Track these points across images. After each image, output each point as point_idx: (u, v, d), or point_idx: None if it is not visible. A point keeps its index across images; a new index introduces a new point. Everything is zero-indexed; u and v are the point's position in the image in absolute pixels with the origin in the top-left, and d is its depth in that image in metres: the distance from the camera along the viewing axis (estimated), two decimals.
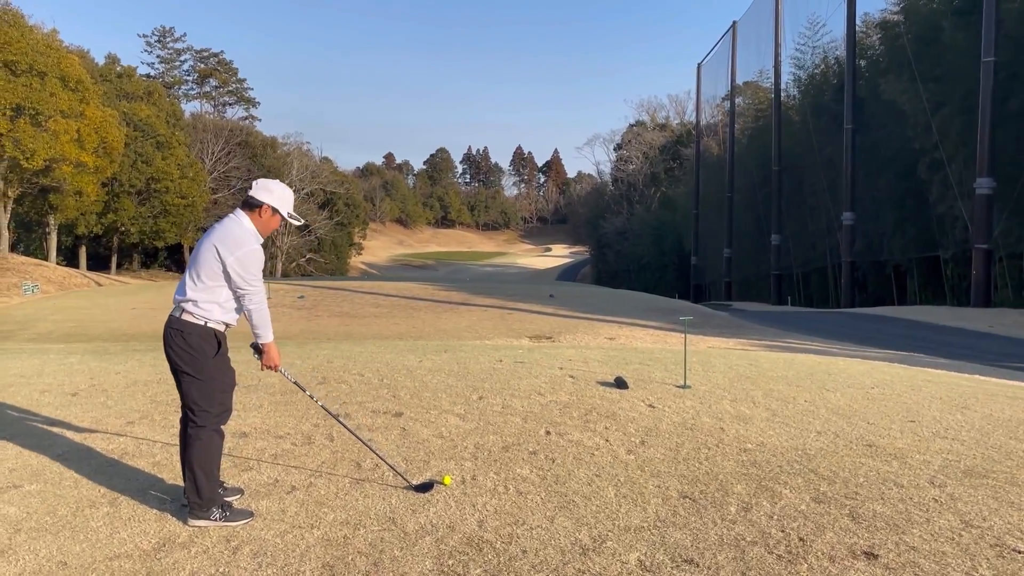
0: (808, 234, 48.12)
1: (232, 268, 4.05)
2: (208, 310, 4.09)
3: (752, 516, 4.29)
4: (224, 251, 4.05)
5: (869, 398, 7.83)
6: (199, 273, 4.07)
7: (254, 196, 4.19)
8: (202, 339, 4.09)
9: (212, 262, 4.06)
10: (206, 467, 4.08)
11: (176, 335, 4.08)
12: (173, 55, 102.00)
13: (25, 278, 37.47)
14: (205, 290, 4.07)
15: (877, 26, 43.58)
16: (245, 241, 4.12)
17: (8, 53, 38.24)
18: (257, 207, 4.21)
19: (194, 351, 4.08)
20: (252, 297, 4.15)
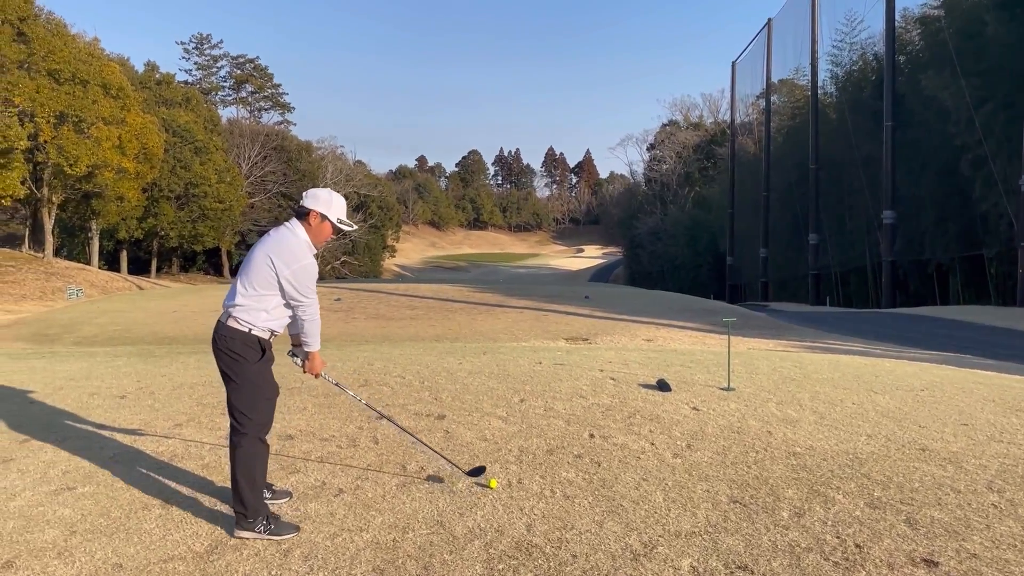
0: (847, 233, 47.37)
1: (287, 281, 4.07)
2: (254, 317, 4.09)
3: (805, 522, 4.21)
4: (279, 263, 4.06)
5: (919, 400, 7.67)
6: (251, 281, 4.08)
7: (302, 204, 4.23)
8: (246, 345, 4.10)
9: (266, 272, 4.07)
10: (249, 476, 4.05)
11: (221, 340, 4.11)
12: (210, 62, 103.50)
13: (69, 282, 38.27)
14: (255, 298, 4.08)
15: (917, 21, 42.78)
16: (299, 255, 4.12)
17: (52, 62, 39.09)
18: (305, 215, 4.22)
19: (238, 356, 4.09)
20: (307, 310, 4.19)
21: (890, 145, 40.44)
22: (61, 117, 39.11)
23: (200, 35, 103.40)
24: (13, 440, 5.87)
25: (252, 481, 4.05)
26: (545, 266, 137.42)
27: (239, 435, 4.10)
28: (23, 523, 4.18)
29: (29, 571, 3.61)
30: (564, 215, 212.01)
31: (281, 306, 4.16)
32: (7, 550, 3.83)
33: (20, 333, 20.88)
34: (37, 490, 4.72)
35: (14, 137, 34.04)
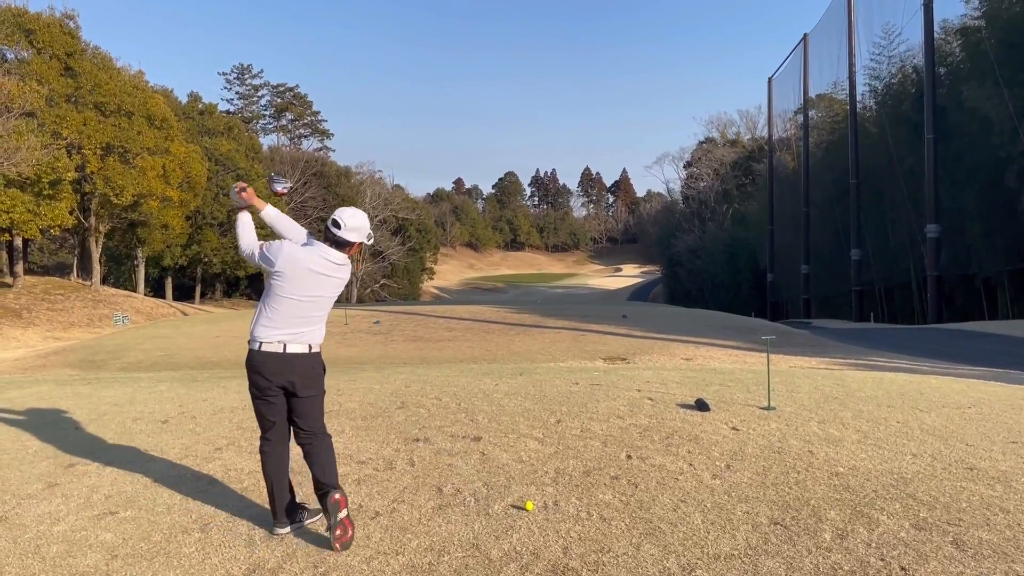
0: (890, 248, 46.53)
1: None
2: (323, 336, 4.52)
3: (849, 544, 4.12)
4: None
5: (966, 418, 7.46)
6: (325, 309, 4.45)
7: (343, 237, 4.40)
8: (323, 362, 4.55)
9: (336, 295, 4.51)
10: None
11: (315, 367, 4.40)
12: (251, 91, 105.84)
13: (115, 309, 39.14)
14: (324, 321, 4.51)
15: (957, 32, 42.12)
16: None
17: (98, 95, 40.26)
18: (347, 247, 4.44)
19: (322, 375, 4.50)
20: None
21: (932, 158, 39.75)
22: (107, 148, 40.20)
23: (241, 65, 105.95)
24: (59, 465, 5.99)
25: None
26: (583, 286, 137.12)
27: (324, 434, 4.46)
28: (66, 547, 4.26)
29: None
30: (601, 234, 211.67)
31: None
32: (50, 574, 3.90)
33: (68, 359, 21.37)
34: (80, 515, 4.80)
35: (62, 169, 35.05)
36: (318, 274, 4.30)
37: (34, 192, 34.37)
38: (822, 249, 56.53)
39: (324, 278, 4.32)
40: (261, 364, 4.27)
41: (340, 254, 4.37)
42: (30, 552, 4.20)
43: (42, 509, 4.92)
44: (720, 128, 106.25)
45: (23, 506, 5.00)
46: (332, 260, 4.34)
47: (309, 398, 4.36)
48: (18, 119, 32.23)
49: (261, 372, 4.28)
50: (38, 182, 33.94)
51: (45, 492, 5.29)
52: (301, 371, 4.30)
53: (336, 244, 4.35)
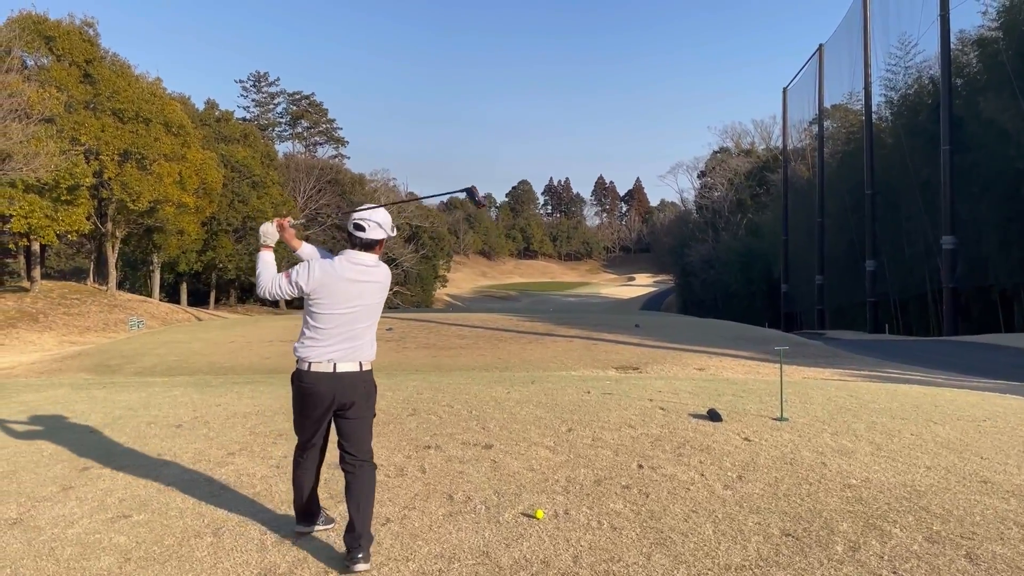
0: (905, 259, 46.22)
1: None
2: (374, 352, 4.33)
3: (861, 556, 4.09)
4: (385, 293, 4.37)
5: (981, 431, 7.41)
6: (373, 320, 4.28)
7: (370, 237, 4.24)
8: (374, 380, 4.36)
9: (382, 303, 4.35)
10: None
11: (366, 385, 4.23)
12: (267, 98, 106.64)
13: (131, 314, 39.41)
14: (373, 333, 4.31)
15: (974, 43, 41.90)
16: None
17: (116, 102, 40.66)
18: (376, 245, 4.29)
19: (374, 393, 4.33)
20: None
21: (948, 169, 39.50)
22: (125, 154, 40.56)
23: (258, 73, 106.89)
24: (73, 468, 6.04)
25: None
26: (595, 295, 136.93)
27: (372, 464, 4.29)
28: (80, 550, 4.29)
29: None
30: (614, 243, 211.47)
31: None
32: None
33: (83, 363, 21.52)
34: (94, 517, 4.84)
35: (80, 175, 35.39)
36: (355, 282, 4.14)
37: (52, 197, 34.72)
38: (837, 260, 56.23)
39: (362, 284, 4.16)
40: (311, 385, 4.09)
41: (370, 255, 4.23)
42: (44, 554, 4.24)
43: (57, 512, 4.97)
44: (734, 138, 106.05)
45: (38, 508, 5.05)
46: (364, 263, 4.19)
47: (359, 420, 4.19)
48: (37, 125, 32.56)
49: (310, 392, 4.10)
50: (56, 187, 34.29)
51: (60, 495, 5.33)
52: (352, 391, 4.11)
53: (364, 246, 4.22)
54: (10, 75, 32.32)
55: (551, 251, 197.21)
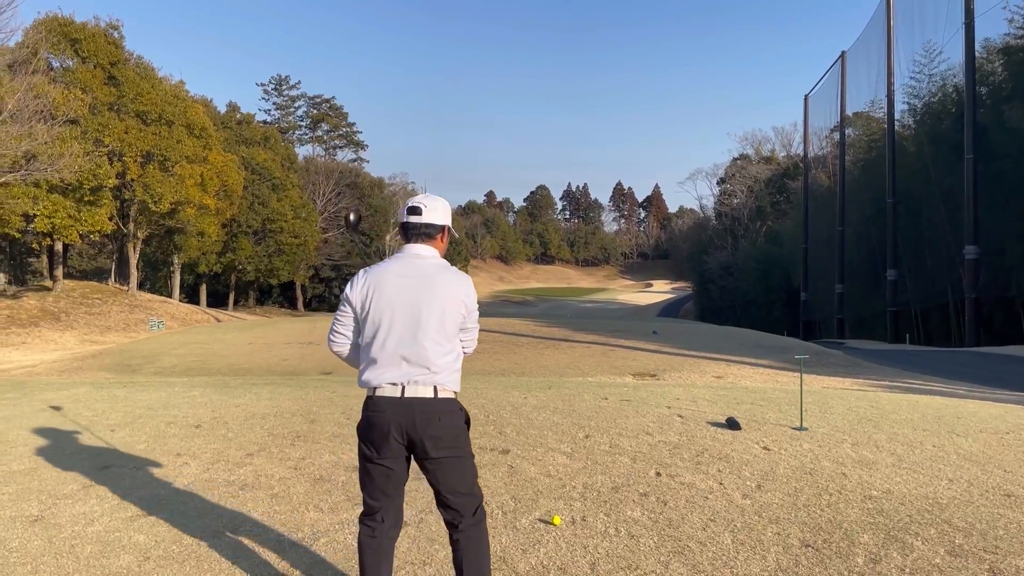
0: (927, 269, 45.79)
1: (473, 316, 3.48)
2: (457, 380, 3.37)
3: (881, 568, 4.04)
4: (469, 300, 3.40)
5: (1004, 444, 7.31)
6: (445, 333, 3.31)
7: (431, 223, 3.41)
8: (461, 412, 3.36)
9: (458, 318, 3.36)
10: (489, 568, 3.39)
11: (443, 417, 3.24)
12: (288, 102, 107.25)
13: (151, 314, 39.78)
14: (453, 353, 3.36)
15: (999, 51, 41.53)
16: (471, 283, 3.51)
17: (140, 104, 41.12)
18: (440, 232, 3.47)
19: (459, 429, 3.32)
20: (474, 342, 3.57)
21: (972, 178, 39.11)
22: (147, 156, 41.00)
23: (279, 76, 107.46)
24: (94, 467, 6.09)
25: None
26: (613, 301, 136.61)
27: (475, 519, 3.35)
28: (100, 548, 4.32)
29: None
30: (632, 250, 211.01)
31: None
32: (84, 574, 3.97)
33: (104, 363, 21.72)
34: (114, 516, 4.87)
35: (103, 176, 35.81)
36: (409, 279, 3.29)
37: (75, 198, 35.16)
38: (857, 269, 55.81)
39: (419, 283, 3.28)
40: (377, 412, 3.23)
41: (429, 248, 3.40)
42: (65, 551, 4.27)
43: (77, 509, 5.01)
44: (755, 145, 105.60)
45: (59, 506, 5.09)
46: (422, 255, 3.36)
47: (445, 459, 3.24)
48: (62, 126, 33.00)
49: (376, 424, 3.24)
50: (80, 188, 34.73)
51: (80, 493, 5.38)
52: (428, 422, 3.20)
53: (422, 235, 3.40)
54: (36, 76, 32.76)
55: (568, 256, 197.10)
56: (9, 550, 4.31)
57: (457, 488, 3.28)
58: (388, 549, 3.35)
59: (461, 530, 3.29)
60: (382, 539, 3.32)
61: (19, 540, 4.47)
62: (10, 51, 33.74)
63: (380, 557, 3.31)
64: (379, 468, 3.26)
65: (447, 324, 3.28)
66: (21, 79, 30.99)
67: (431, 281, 3.29)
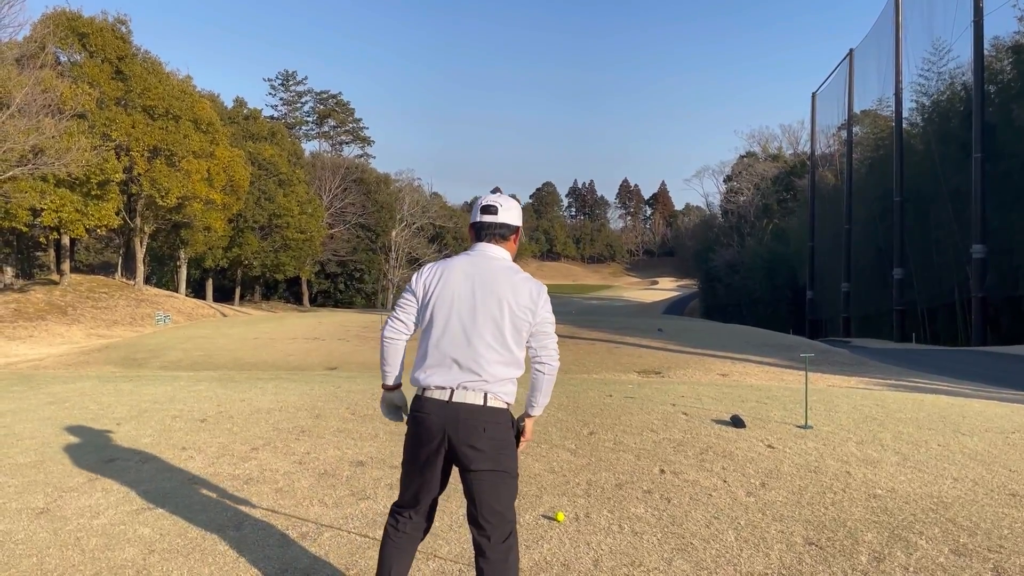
0: (934, 268, 45.64)
1: (546, 322, 3.28)
2: (513, 391, 3.23)
3: (885, 567, 4.04)
4: (539, 306, 3.23)
5: (1009, 444, 7.29)
6: (506, 341, 3.15)
7: (506, 223, 3.30)
8: (511, 425, 3.23)
9: (522, 325, 3.19)
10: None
11: (488, 428, 3.10)
12: (295, 97, 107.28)
13: (157, 309, 39.87)
14: (513, 362, 3.20)
15: (1008, 50, 41.32)
16: (542, 288, 3.32)
17: (147, 99, 41.16)
18: (514, 233, 3.37)
19: (507, 443, 3.17)
20: (555, 355, 3.30)
21: (980, 177, 38.96)
22: (154, 151, 41.04)
23: (286, 72, 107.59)
24: (100, 460, 6.12)
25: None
26: (618, 298, 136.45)
27: (512, 538, 3.18)
28: (105, 541, 4.34)
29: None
30: (638, 247, 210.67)
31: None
32: (89, 567, 3.98)
33: (110, 357, 21.79)
34: (119, 509, 4.89)
35: (111, 170, 35.86)
36: (475, 278, 3.19)
37: (82, 192, 35.23)
38: (863, 267, 55.66)
39: (484, 284, 3.17)
40: (424, 415, 3.13)
41: (502, 249, 3.29)
42: (70, 544, 4.29)
43: (83, 502, 5.03)
44: (761, 143, 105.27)
45: (64, 499, 5.11)
46: (494, 255, 3.26)
47: (484, 473, 3.09)
48: (69, 120, 33.06)
49: (422, 425, 3.14)
50: (87, 182, 34.79)
51: (86, 486, 5.40)
52: (471, 431, 3.07)
53: (495, 236, 3.29)
54: (44, 71, 32.85)
55: (574, 253, 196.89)
56: (15, 542, 4.33)
57: (493, 505, 3.11)
58: (409, 547, 3.29)
59: (488, 558, 3.09)
60: (404, 535, 3.27)
61: (25, 532, 4.49)
62: (18, 45, 33.81)
63: (400, 552, 3.25)
64: (417, 468, 3.20)
65: (506, 330, 3.12)
66: (29, 73, 31.07)
67: (496, 283, 3.16)
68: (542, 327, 3.22)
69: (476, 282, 3.16)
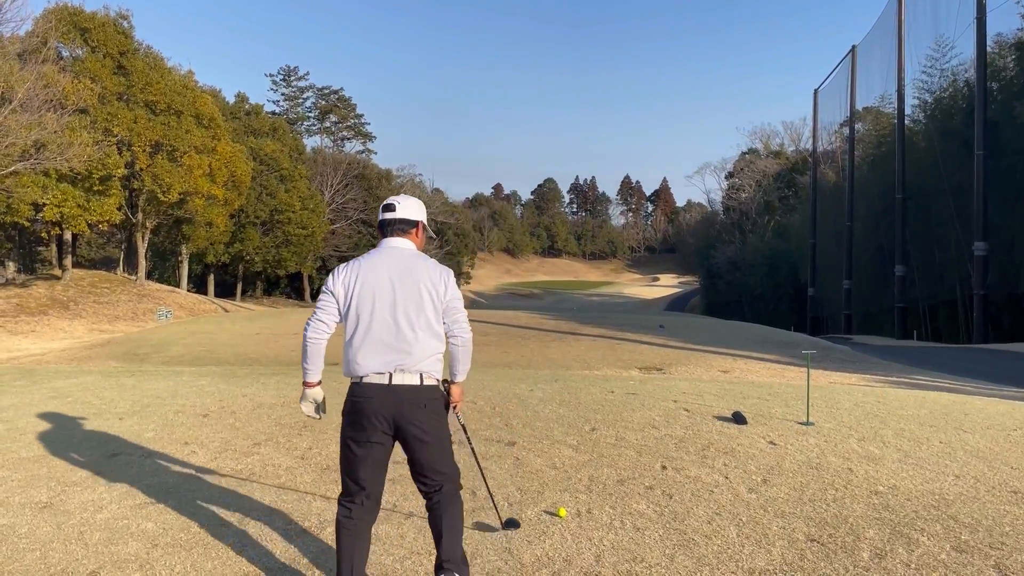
0: (935, 265, 45.61)
1: (455, 302, 3.62)
2: (441, 367, 3.57)
3: (887, 564, 4.04)
4: (444, 288, 3.58)
5: (1011, 441, 7.29)
6: (431, 322, 3.52)
7: (405, 217, 3.66)
8: (443, 397, 3.61)
9: (437, 305, 3.56)
10: (461, 529, 3.61)
11: (429, 403, 3.48)
12: (297, 93, 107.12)
13: (159, 304, 39.90)
14: (438, 339, 3.56)
15: (1011, 47, 41.23)
16: (448, 270, 3.69)
17: (149, 94, 41.16)
18: (414, 227, 3.70)
19: (441, 414, 3.57)
20: (466, 327, 3.68)
21: (982, 174, 38.89)
22: (156, 146, 41.04)
23: (288, 67, 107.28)
24: (103, 455, 6.13)
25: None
26: (619, 294, 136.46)
27: (452, 488, 3.59)
28: (108, 535, 4.36)
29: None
30: (639, 243, 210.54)
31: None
32: (92, 561, 4.00)
33: (113, 352, 21.82)
34: (122, 503, 4.91)
35: (112, 166, 35.86)
36: (389, 270, 3.52)
37: (84, 187, 35.24)
38: (865, 264, 55.63)
39: (398, 273, 3.51)
40: (364, 399, 3.42)
41: (406, 240, 3.64)
42: (73, 538, 4.31)
43: (86, 497, 5.05)
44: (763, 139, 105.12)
45: (68, 493, 5.13)
46: (399, 247, 3.60)
47: (428, 444, 3.47)
48: (71, 115, 33.06)
49: (362, 410, 3.42)
50: (89, 178, 34.79)
51: (89, 480, 5.42)
52: (414, 409, 3.42)
53: (398, 230, 3.64)
54: (46, 66, 32.82)
55: (575, 250, 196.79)
56: (19, 536, 4.35)
57: (439, 468, 3.52)
58: (364, 531, 3.51)
59: (436, 501, 3.53)
60: (359, 521, 3.48)
61: (28, 526, 4.50)
62: (20, 40, 33.79)
63: (356, 538, 3.46)
64: (362, 452, 3.45)
65: (427, 310, 3.50)
66: (31, 68, 31.04)
67: (410, 270, 3.52)
68: (452, 303, 3.59)
69: (392, 272, 3.51)
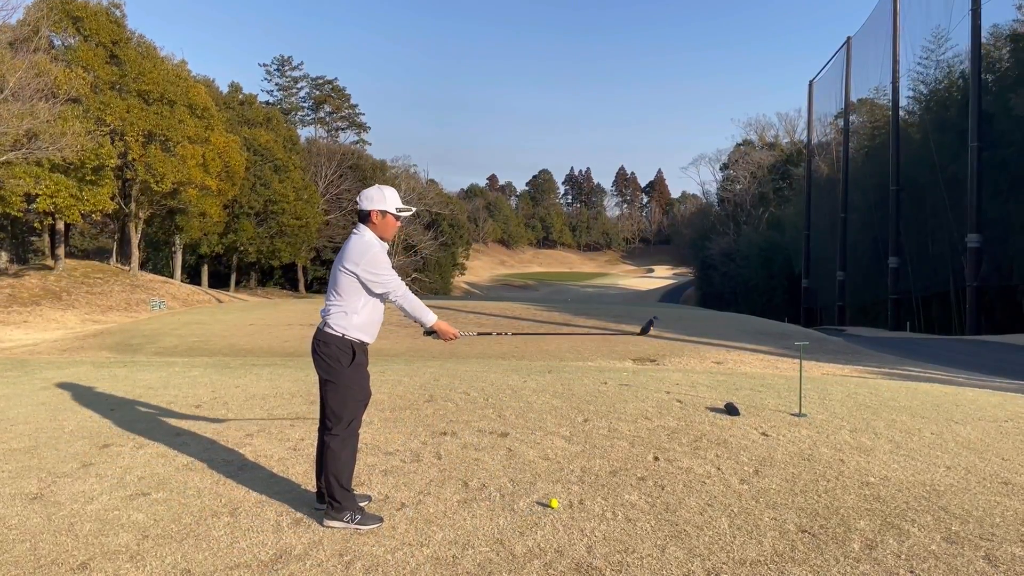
0: (929, 257, 45.74)
1: (364, 272, 4.39)
2: (347, 322, 4.44)
3: (877, 555, 4.06)
4: (350, 264, 4.40)
5: (1002, 432, 7.32)
6: (336, 289, 4.48)
7: (360, 208, 4.55)
8: (340, 349, 4.44)
9: (344, 278, 4.43)
10: (337, 472, 4.38)
11: (320, 345, 4.48)
12: (291, 83, 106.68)
13: (153, 295, 39.80)
14: (343, 303, 4.45)
15: (1007, 38, 41.27)
16: (365, 249, 4.43)
17: (142, 83, 40.91)
18: (367, 217, 4.53)
19: (332, 360, 4.44)
20: (396, 291, 4.48)
21: (976, 166, 38.98)
22: (149, 136, 40.83)
23: (282, 57, 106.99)
24: (94, 445, 6.11)
25: (340, 476, 4.38)
26: (614, 286, 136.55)
27: (331, 435, 4.45)
28: (99, 526, 4.34)
29: (103, 573, 3.74)
30: (634, 235, 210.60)
31: (370, 306, 4.50)
32: (83, 552, 3.98)
33: (105, 342, 21.76)
34: (113, 494, 4.89)
35: (105, 155, 35.65)
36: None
37: (77, 177, 35.03)
38: (859, 256, 55.78)
39: (339, 252, 4.53)
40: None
41: (363, 227, 4.54)
42: (64, 529, 4.29)
43: (76, 488, 5.03)
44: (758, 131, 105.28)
45: (58, 484, 5.11)
46: (355, 232, 4.54)
47: (324, 381, 4.51)
48: (64, 105, 32.85)
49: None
50: (81, 167, 34.59)
51: (80, 471, 5.40)
52: (312, 348, 4.54)
53: (360, 218, 4.58)
54: (38, 55, 32.61)
55: (570, 241, 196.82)
56: (8, 527, 4.33)
57: (330, 405, 4.47)
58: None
59: (333, 434, 4.45)
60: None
61: (18, 518, 4.49)
62: (11, 29, 33.55)
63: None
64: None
65: (335, 283, 4.47)
66: (23, 57, 30.83)
67: (343, 251, 4.48)
68: (373, 279, 4.40)
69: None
